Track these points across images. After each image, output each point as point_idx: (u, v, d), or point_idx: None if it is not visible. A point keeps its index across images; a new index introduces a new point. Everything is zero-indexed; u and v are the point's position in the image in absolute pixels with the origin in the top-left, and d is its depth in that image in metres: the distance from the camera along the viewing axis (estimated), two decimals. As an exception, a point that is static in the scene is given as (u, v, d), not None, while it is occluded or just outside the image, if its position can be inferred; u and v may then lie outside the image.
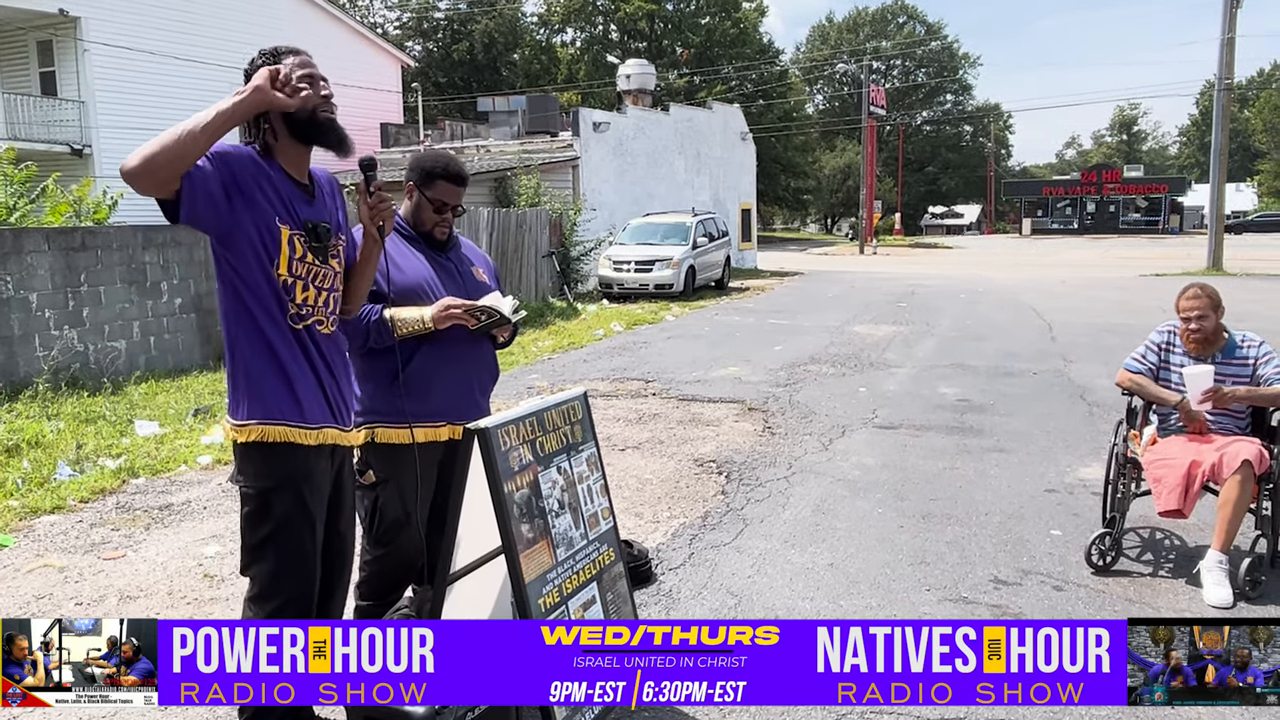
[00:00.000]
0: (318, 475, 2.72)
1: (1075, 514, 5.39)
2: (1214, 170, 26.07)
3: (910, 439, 7.25)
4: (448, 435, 3.18)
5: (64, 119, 21.60)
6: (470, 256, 3.43)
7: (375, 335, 3.05)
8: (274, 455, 2.64)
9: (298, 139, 2.67)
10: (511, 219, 17.14)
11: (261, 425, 2.63)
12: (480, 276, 3.39)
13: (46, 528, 5.44)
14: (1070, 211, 64.74)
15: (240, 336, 2.65)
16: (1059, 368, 10.42)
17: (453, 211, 3.26)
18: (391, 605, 3.27)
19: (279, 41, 2.84)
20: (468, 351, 3.23)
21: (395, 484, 3.14)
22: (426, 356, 3.14)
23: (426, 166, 3.23)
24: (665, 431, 7.64)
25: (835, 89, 76.25)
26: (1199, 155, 79.83)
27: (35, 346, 9.22)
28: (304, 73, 2.64)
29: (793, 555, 4.81)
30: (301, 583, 2.69)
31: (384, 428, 3.11)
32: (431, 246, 3.28)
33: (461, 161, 3.36)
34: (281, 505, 2.65)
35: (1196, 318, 4.48)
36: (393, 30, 52.39)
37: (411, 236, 3.27)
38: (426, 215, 3.25)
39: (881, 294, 20.35)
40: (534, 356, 11.97)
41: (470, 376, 3.27)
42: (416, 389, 3.12)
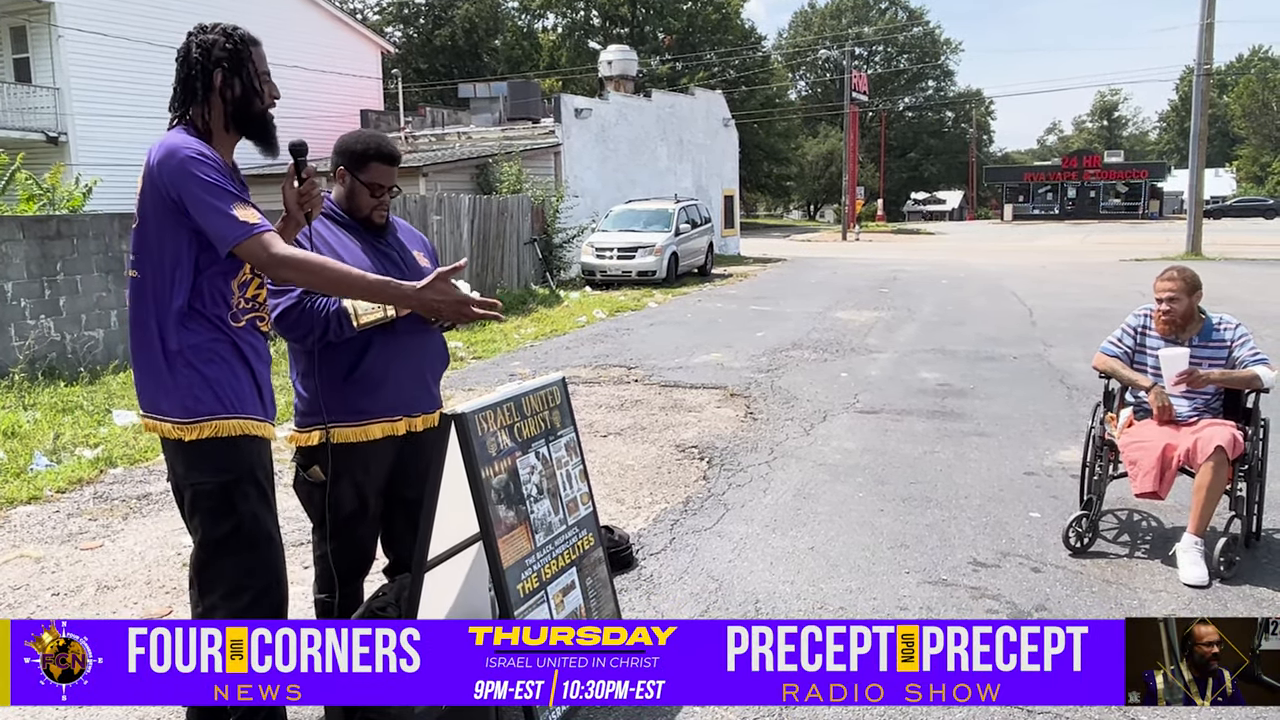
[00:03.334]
0: (268, 466, 2.69)
1: (1054, 496, 5.43)
2: (1193, 156, 26.23)
3: (891, 423, 7.28)
4: (405, 429, 3.09)
5: (39, 106, 21.31)
6: (408, 240, 3.27)
7: (335, 328, 2.90)
8: (232, 448, 2.58)
9: (238, 130, 2.64)
10: (493, 206, 17.07)
11: (215, 420, 2.55)
12: (421, 261, 3.25)
13: (23, 518, 5.40)
14: (1051, 197, 65.03)
15: (183, 332, 2.54)
16: (1039, 352, 10.48)
17: (388, 193, 3.11)
18: (349, 596, 3.17)
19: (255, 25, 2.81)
20: (420, 341, 3.12)
21: (350, 479, 3.03)
22: (381, 350, 3.01)
23: (357, 149, 3.05)
24: (647, 417, 7.64)
25: (818, 75, 76.23)
26: (1179, 141, 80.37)
27: (11, 336, 9.13)
28: (265, 70, 2.63)
29: (774, 539, 4.82)
30: (270, 575, 2.66)
31: (339, 427, 2.97)
32: (369, 231, 3.11)
33: (391, 139, 3.18)
34: (244, 499, 2.59)
35: (1168, 299, 4.51)
36: (372, 16, 52.00)
37: (348, 224, 3.10)
38: (363, 200, 3.07)
39: (864, 280, 20.40)
40: (516, 344, 11.94)
41: (424, 367, 3.17)
42: (371, 385, 3.01)
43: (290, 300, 2.92)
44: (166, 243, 2.52)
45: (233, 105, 2.59)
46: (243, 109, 2.59)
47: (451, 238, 15.43)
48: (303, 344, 3.02)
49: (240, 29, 2.62)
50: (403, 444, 3.12)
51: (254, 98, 2.61)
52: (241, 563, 2.61)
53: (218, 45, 2.58)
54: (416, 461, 3.14)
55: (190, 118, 2.58)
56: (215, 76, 2.57)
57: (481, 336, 12.24)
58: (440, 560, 2.92)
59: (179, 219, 2.49)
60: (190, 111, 2.58)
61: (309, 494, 3.09)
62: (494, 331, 12.68)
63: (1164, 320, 4.56)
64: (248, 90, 2.60)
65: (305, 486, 3.09)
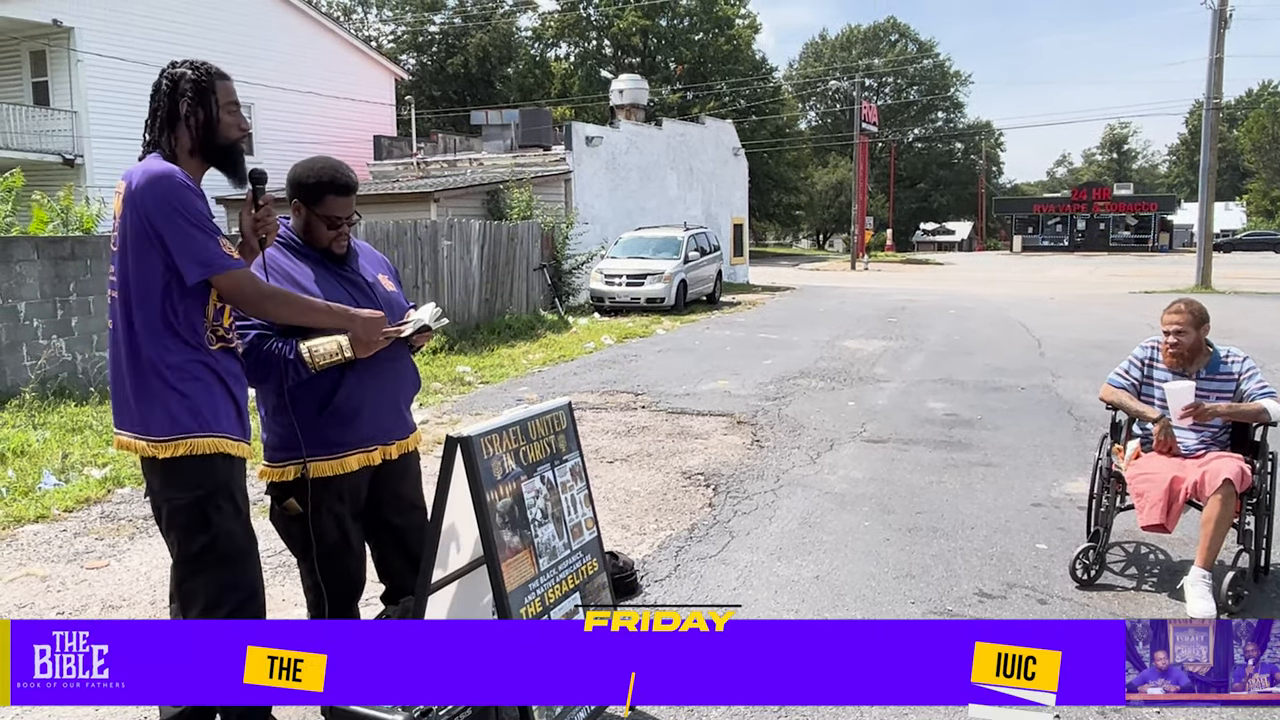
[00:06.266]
0: (245, 484, 2.77)
1: (1061, 528, 5.40)
2: (1203, 189, 26.27)
3: (898, 453, 7.27)
4: (380, 458, 3.07)
5: (56, 129, 21.57)
6: (371, 265, 3.19)
7: (291, 373, 2.86)
8: (207, 465, 2.65)
9: (204, 159, 2.74)
10: (503, 232, 17.16)
11: (190, 439, 2.62)
12: (388, 286, 3.17)
13: (30, 537, 5.42)
14: (1061, 229, 65.07)
15: (158, 361, 2.63)
16: (1047, 383, 10.46)
17: (347, 223, 3.01)
18: None
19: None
20: (391, 369, 3.06)
21: (329, 510, 3.00)
22: (353, 384, 2.96)
23: (309, 181, 2.96)
24: (654, 444, 7.64)
25: (828, 106, 76.61)
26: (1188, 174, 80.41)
27: (23, 356, 9.19)
28: (231, 101, 2.74)
29: (779, 567, 4.81)
30: (247, 589, 2.70)
31: (316, 461, 2.94)
32: (331, 260, 3.04)
33: (347, 167, 3.08)
34: (219, 514, 2.65)
35: (1175, 332, 4.51)
36: (387, 44, 52.55)
37: (306, 253, 3.02)
38: (320, 233, 2.99)
39: (872, 309, 20.41)
40: (524, 369, 11.96)
41: (398, 394, 3.13)
42: (346, 417, 2.96)
43: (243, 345, 2.88)
44: (144, 265, 2.62)
45: (198, 134, 2.69)
46: (208, 138, 2.70)
47: (461, 262, 15.51)
48: (261, 388, 3.00)
49: (208, 64, 2.75)
50: (377, 470, 3.10)
51: (216, 127, 2.72)
52: (216, 578, 2.66)
53: (184, 78, 2.70)
54: (396, 487, 3.15)
55: (160, 145, 2.69)
56: (181, 106, 2.68)
57: (490, 361, 12.27)
58: (444, 583, 2.92)
59: (155, 243, 2.59)
60: (160, 139, 2.69)
61: (286, 527, 3.07)
62: (502, 357, 12.72)
63: (1171, 353, 4.55)
64: (210, 120, 2.70)
65: (282, 520, 3.06)
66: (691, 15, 56.95)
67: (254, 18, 24.01)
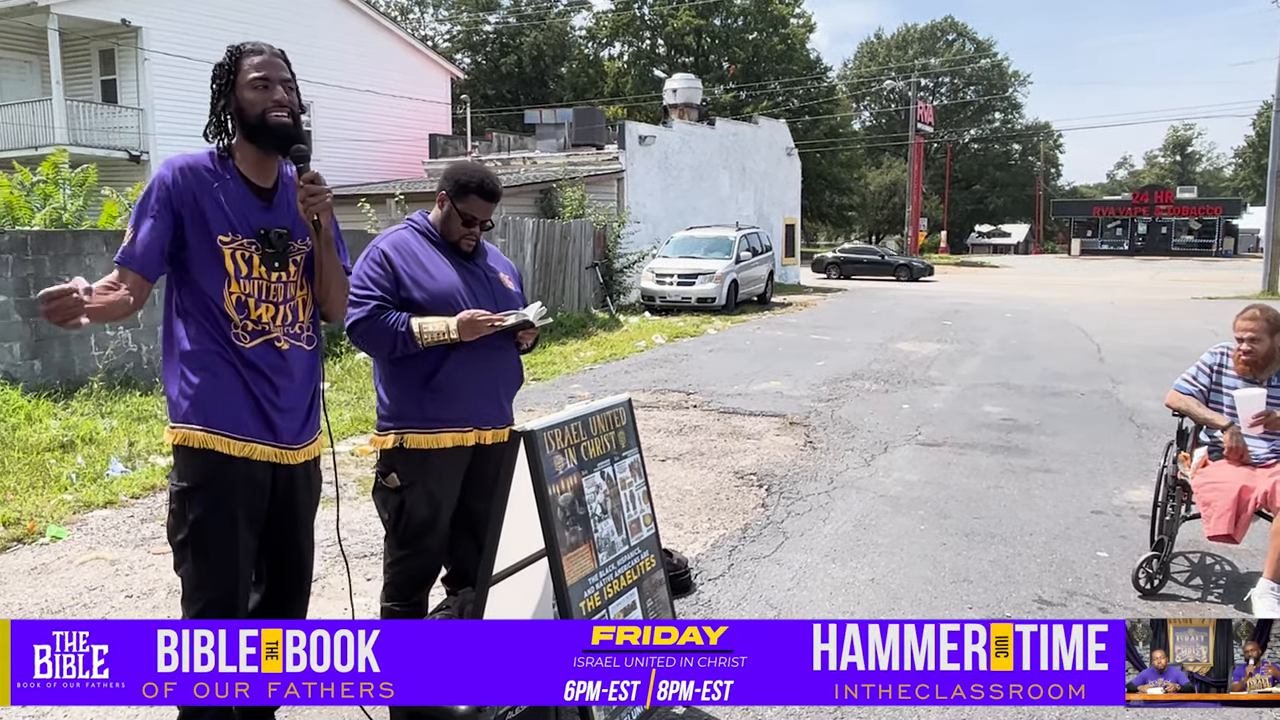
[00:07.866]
0: (241, 484, 2.61)
1: (1123, 536, 5.30)
2: (1271, 192, 25.58)
3: (954, 457, 7.18)
4: (475, 440, 3.19)
5: (123, 126, 22.13)
6: (495, 264, 3.39)
7: (402, 344, 3.06)
8: (195, 458, 2.59)
9: (248, 140, 2.60)
10: (556, 230, 17.26)
11: (184, 429, 2.59)
12: (507, 284, 3.36)
13: (99, 522, 5.57)
14: (1121, 232, 63.74)
15: (177, 346, 2.62)
16: (1107, 389, 10.26)
17: (481, 226, 3.23)
18: (415, 606, 3.27)
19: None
20: (494, 357, 3.21)
21: (423, 486, 3.13)
22: (455, 364, 3.12)
23: (461, 180, 3.19)
24: (706, 443, 7.64)
25: (882, 106, 75.86)
26: (1255, 177, 78.21)
27: (91, 346, 9.45)
28: (256, 75, 2.56)
29: (833, 569, 4.78)
30: (221, 587, 2.62)
31: (413, 433, 3.12)
32: (459, 254, 3.26)
33: (497, 177, 3.32)
34: (195, 508, 2.59)
35: (1250, 339, 4.40)
36: (443, 43, 53.15)
37: (439, 243, 3.25)
38: (454, 226, 3.22)
39: (925, 312, 20.18)
40: (576, 366, 12.02)
41: (497, 383, 3.26)
42: (445, 395, 3.12)
43: (362, 313, 3.07)
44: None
45: (233, 116, 2.60)
46: (241, 119, 2.59)
47: (515, 260, 15.57)
48: (375, 355, 3.20)
49: (242, 44, 2.64)
50: (472, 456, 3.22)
51: (243, 105, 2.57)
52: (191, 571, 2.64)
53: (220, 66, 2.61)
54: (484, 473, 3.22)
55: (207, 138, 2.64)
56: (215, 96, 2.62)
57: (542, 359, 12.35)
58: (504, 575, 2.96)
59: None
60: (206, 131, 2.63)
61: (384, 499, 3.21)
62: (554, 354, 12.79)
63: (1244, 360, 4.45)
64: (237, 97, 2.57)
65: (382, 492, 3.21)
66: (746, 15, 56.79)
67: (314, 17, 24.39)
